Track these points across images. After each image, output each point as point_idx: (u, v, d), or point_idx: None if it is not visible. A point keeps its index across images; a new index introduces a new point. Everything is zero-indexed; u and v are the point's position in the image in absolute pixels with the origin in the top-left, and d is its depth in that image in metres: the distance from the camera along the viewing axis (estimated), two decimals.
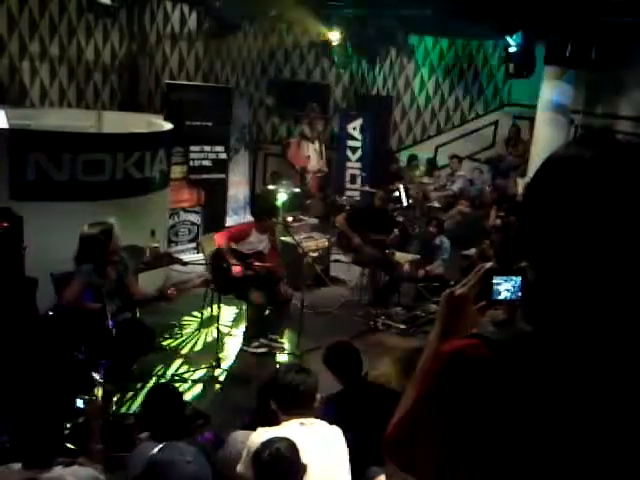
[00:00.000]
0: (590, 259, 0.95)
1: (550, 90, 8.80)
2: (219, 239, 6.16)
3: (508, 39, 8.00)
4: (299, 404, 2.95)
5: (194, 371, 5.51)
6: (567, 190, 0.97)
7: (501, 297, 1.19)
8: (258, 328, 5.97)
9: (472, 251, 7.99)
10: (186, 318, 6.51)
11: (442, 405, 1.04)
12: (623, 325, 0.96)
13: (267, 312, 6.06)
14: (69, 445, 3.69)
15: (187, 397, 5.10)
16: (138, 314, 5.23)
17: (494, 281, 1.19)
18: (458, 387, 1.01)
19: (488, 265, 1.21)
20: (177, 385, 5.18)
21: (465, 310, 1.21)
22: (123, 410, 4.77)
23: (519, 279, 1.18)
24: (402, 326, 6.69)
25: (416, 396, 1.11)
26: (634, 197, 0.93)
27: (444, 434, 1.04)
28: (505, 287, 1.19)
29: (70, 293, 4.70)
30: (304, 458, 2.66)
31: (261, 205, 6.92)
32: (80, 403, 3.28)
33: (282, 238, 7.13)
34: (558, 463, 0.96)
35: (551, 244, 0.99)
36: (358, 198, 10.22)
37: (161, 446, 2.83)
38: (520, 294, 1.19)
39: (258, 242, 6.13)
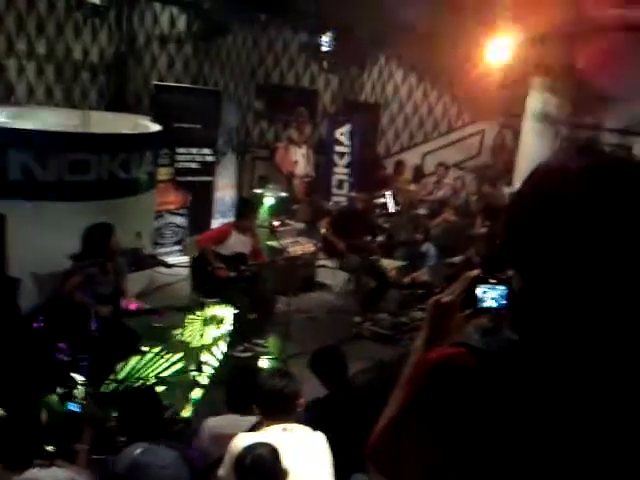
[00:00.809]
0: (578, 268, 0.96)
1: (537, 100, 8.88)
2: (199, 242, 6.14)
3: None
4: (282, 409, 2.93)
5: (177, 374, 5.47)
6: (555, 200, 0.97)
7: (486, 305, 1.19)
8: (242, 332, 5.95)
9: (458, 259, 8.03)
10: (169, 321, 6.46)
11: (427, 413, 1.03)
12: (611, 334, 0.96)
13: (252, 316, 6.04)
14: (48, 447, 3.65)
15: (169, 400, 5.06)
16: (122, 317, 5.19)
17: (479, 289, 1.19)
18: (443, 396, 1.01)
19: (474, 273, 1.21)
20: (159, 388, 5.15)
21: (451, 318, 1.21)
22: (103, 412, 4.72)
23: (505, 288, 1.18)
24: (387, 332, 6.69)
25: (400, 404, 1.11)
26: (622, 207, 0.94)
27: (429, 442, 1.04)
28: (490, 295, 1.19)
29: (67, 287, 4.64)
30: (286, 464, 2.65)
31: (241, 206, 6.89)
32: (74, 407, 3.24)
33: (268, 242, 7.12)
34: (544, 471, 0.96)
35: (539, 253, 0.99)
36: (345, 203, 10.23)
37: (143, 449, 2.82)
38: (505, 303, 1.19)
39: (239, 243, 6.10)
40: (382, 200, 8.96)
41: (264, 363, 5.87)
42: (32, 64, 9.33)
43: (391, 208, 8.84)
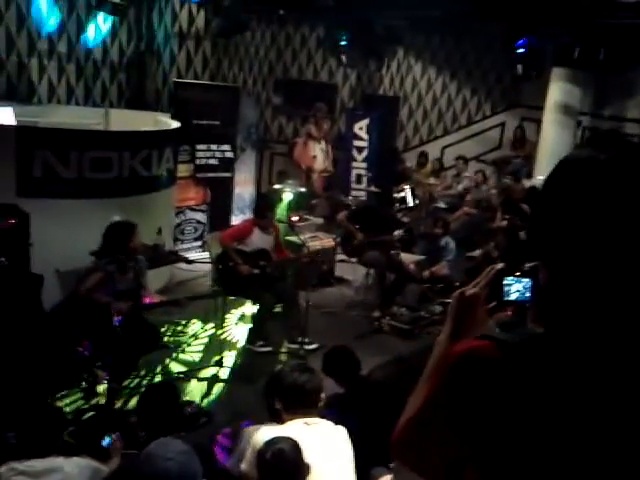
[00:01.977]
0: (605, 261, 0.94)
1: (558, 92, 8.78)
2: (223, 239, 6.16)
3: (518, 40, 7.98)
4: (304, 403, 2.94)
5: (198, 370, 5.51)
6: (583, 192, 0.96)
7: (511, 298, 1.19)
8: (263, 328, 5.97)
9: (477, 252, 7.98)
10: (190, 316, 6.51)
11: (452, 406, 1.03)
12: (637, 328, 0.95)
13: (278, 309, 6.06)
14: (71, 441, 3.70)
15: (190, 396, 5.10)
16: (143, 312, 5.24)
17: (504, 282, 1.19)
18: (469, 388, 1.01)
19: (499, 266, 1.20)
20: (181, 383, 5.19)
21: (476, 311, 1.20)
22: (127, 408, 4.77)
23: (529, 280, 1.17)
24: (407, 327, 6.67)
25: (426, 396, 1.11)
26: None
27: (454, 435, 1.03)
28: (515, 288, 1.18)
29: (88, 284, 4.69)
30: (307, 458, 2.65)
31: (260, 203, 6.90)
32: (105, 442, 3.29)
33: (287, 238, 7.13)
34: (569, 464, 0.96)
35: (566, 246, 0.98)
36: (364, 198, 10.21)
37: (156, 442, 2.84)
38: (530, 295, 1.18)
39: (261, 240, 6.12)
40: (401, 194, 8.93)
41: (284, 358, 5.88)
42: (53, 63, 9.42)
43: (410, 202, 8.81)
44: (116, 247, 4.78)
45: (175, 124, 7.51)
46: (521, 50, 8.07)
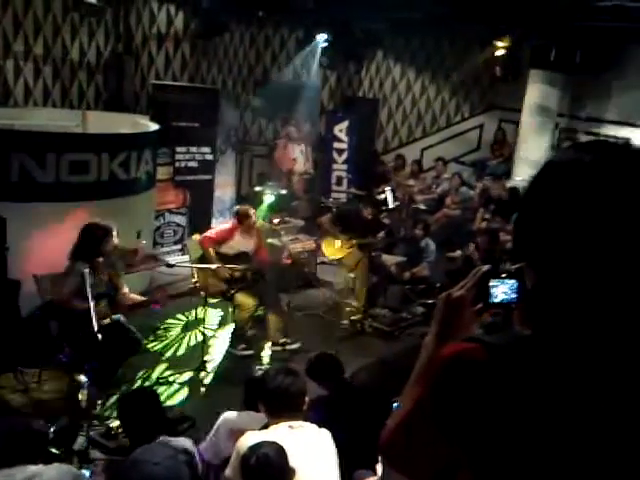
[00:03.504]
0: (592, 262, 0.95)
1: (535, 94, 8.87)
2: (202, 242, 6.11)
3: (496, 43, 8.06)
4: (288, 407, 2.93)
5: (180, 374, 5.46)
6: (568, 194, 0.97)
7: (498, 300, 1.19)
8: (245, 331, 5.94)
9: (458, 253, 8.03)
10: (171, 320, 6.46)
11: (441, 409, 1.03)
12: (624, 328, 0.96)
13: (260, 312, 6.04)
14: (53, 450, 3.64)
15: (173, 400, 5.06)
16: (123, 317, 5.18)
17: (490, 284, 1.19)
18: (457, 391, 1.01)
19: (485, 268, 1.20)
20: (162, 388, 5.14)
21: (462, 313, 1.20)
22: (108, 414, 4.71)
23: (515, 282, 1.17)
24: (388, 328, 6.69)
25: (414, 399, 1.11)
26: (635, 200, 0.93)
27: (443, 437, 1.03)
28: (502, 290, 1.18)
29: (65, 291, 4.63)
30: (292, 462, 2.64)
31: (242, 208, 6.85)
32: (86, 472, 3.26)
33: (268, 240, 7.11)
34: (558, 465, 0.96)
35: (552, 247, 0.98)
36: (344, 200, 10.22)
37: (142, 448, 2.82)
38: (516, 297, 1.18)
39: (243, 244, 6.09)
40: (382, 196, 8.95)
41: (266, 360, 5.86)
42: (29, 65, 9.29)
43: (391, 204, 8.83)
44: (90, 250, 4.72)
45: (154, 126, 7.45)
46: (499, 52, 8.14)
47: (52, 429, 3.62)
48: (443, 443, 1.04)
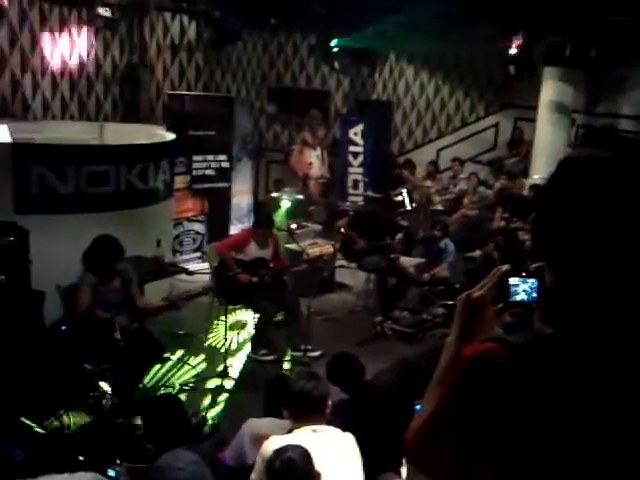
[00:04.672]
0: (611, 260, 0.95)
1: (551, 91, 8.81)
2: (218, 249, 6.15)
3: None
4: (311, 411, 2.93)
5: (202, 380, 5.50)
6: (586, 191, 0.97)
7: (518, 299, 1.19)
8: (266, 336, 5.96)
9: (477, 253, 7.98)
10: (193, 327, 6.49)
11: (464, 409, 1.03)
12: None
13: (280, 317, 6.05)
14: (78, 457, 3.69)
15: (195, 406, 5.08)
16: (144, 325, 5.23)
17: (511, 283, 1.19)
18: (480, 391, 1.01)
19: (505, 267, 1.20)
20: (185, 394, 5.18)
21: (483, 313, 1.20)
22: (132, 421, 4.75)
23: (535, 280, 1.17)
24: (409, 330, 6.67)
25: (437, 401, 1.11)
26: None
27: (466, 438, 1.03)
28: (522, 289, 1.18)
29: (82, 301, 4.70)
30: (317, 466, 2.64)
31: (259, 215, 6.91)
32: (112, 472, 3.29)
33: (286, 245, 7.13)
34: (583, 464, 0.96)
35: (571, 246, 0.98)
36: (361, 203, 10.21)
37: (167, 454, 2.84)
38: (536, 296, 1.18)
39: (259, 250, 6.11)
40: (399, 198, 8.94)
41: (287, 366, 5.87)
42: (47, 79, 9.43)
43: (408, 205, 8.82)
44: (100, 264, 4.82)
45: (170, 136, 7.52)
46: (513, 50, 8.09)
47: None
48: (466, 444, 1.04)
